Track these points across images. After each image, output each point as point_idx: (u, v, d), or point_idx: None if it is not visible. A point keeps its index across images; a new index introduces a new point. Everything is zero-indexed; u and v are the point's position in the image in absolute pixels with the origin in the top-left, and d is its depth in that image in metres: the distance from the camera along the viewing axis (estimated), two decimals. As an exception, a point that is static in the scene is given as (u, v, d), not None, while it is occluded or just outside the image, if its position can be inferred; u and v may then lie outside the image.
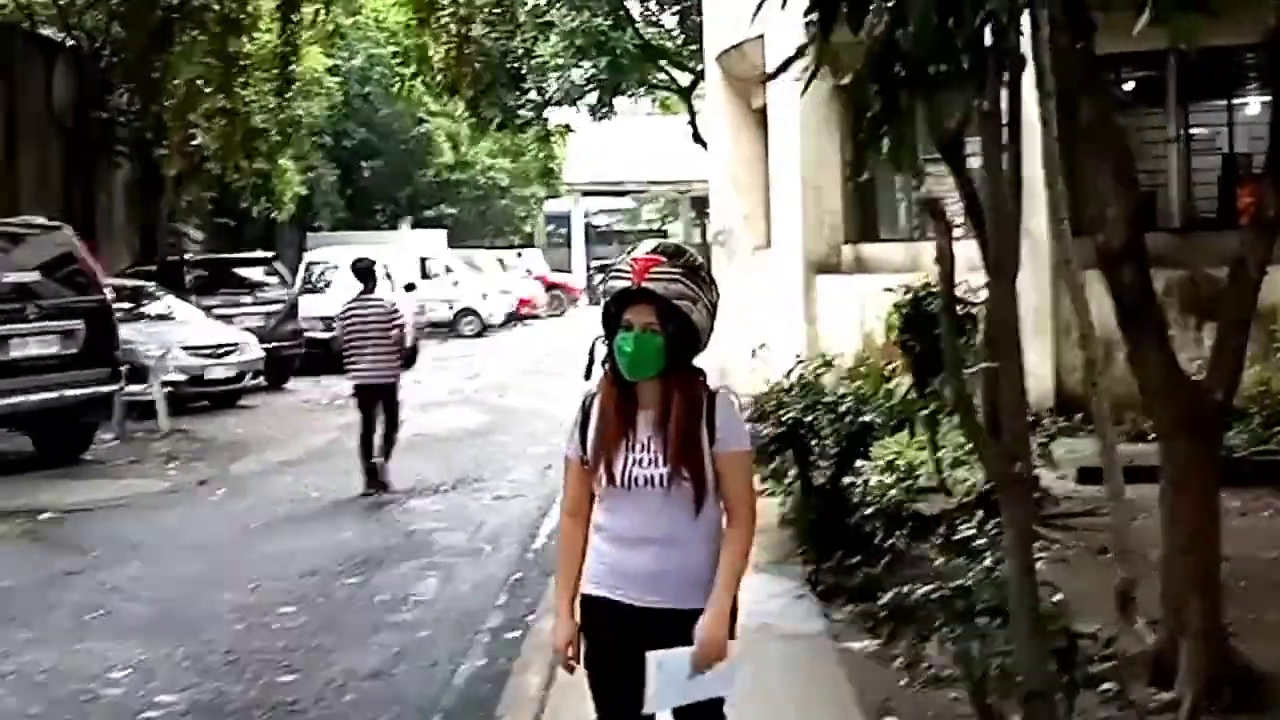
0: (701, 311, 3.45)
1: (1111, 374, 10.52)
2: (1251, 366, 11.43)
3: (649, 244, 3.48)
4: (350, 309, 11.83)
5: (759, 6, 4.91)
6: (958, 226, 5.30)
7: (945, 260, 4.00)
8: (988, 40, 4.22)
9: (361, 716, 6.06)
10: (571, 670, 3.60)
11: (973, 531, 4.80)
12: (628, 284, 3.42)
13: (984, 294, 8.37)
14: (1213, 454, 5.76)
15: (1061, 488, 9.70)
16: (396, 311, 12.07)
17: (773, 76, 5.43)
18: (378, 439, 11.79)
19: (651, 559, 3.54)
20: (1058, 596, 5.00)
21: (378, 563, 9.02)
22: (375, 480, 11.60)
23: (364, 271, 12.06)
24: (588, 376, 3.62)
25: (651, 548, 3.53)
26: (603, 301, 3.55)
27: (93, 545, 9.64)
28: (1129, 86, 13.62)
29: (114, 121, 23.76)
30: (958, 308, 9.79)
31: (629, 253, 3.51)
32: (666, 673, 3.40)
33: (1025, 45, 5.02)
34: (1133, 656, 5.85)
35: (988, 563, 4.53)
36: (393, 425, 11.95)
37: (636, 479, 3.49)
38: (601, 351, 3.55)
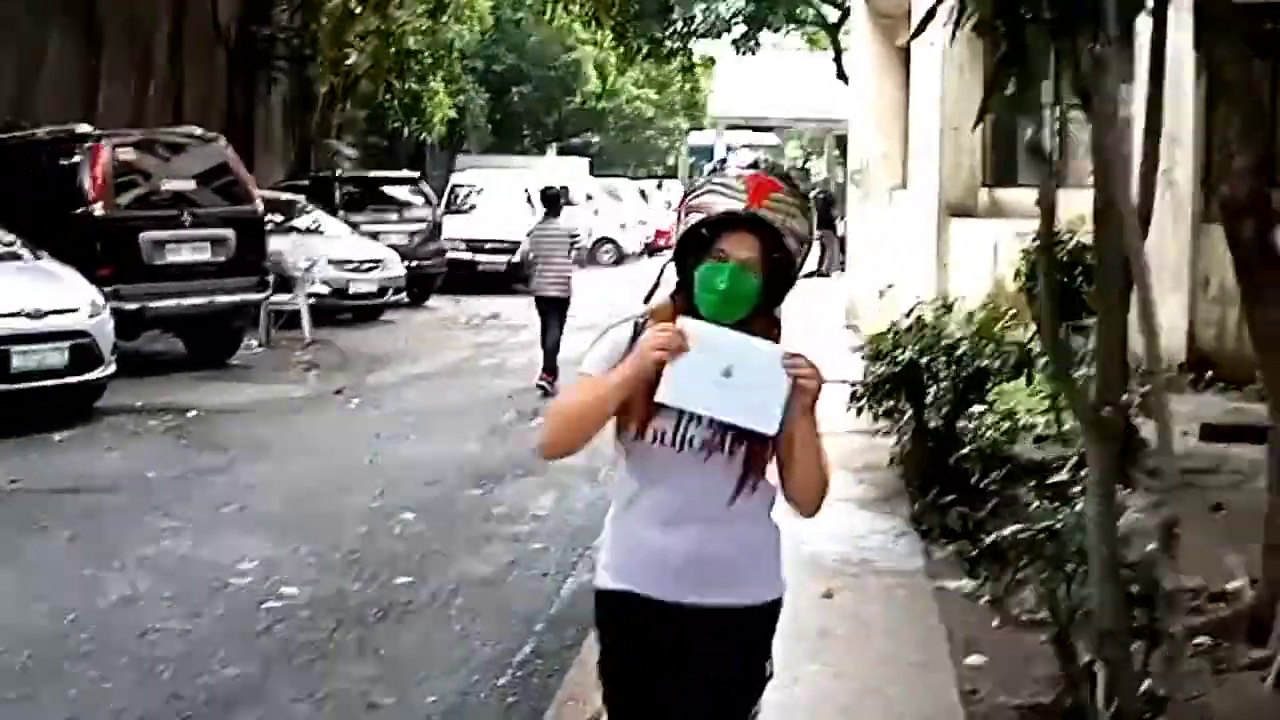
0: (803, 255, 2.93)
1: (1247, 332, 10.36)
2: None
3: (746, 159, 2.94)
4: (537, 231, 13.48)
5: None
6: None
7: (1046, 204, 4.04)
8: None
9: (471, 621, 6.33)
10: (674, 339, 2.84)
11: (1067, 477, 4.85)
12: (737, 205, 2.83)
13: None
14: (1326, 415, 5.71)
15: (1182, 445, 9.58)
16: (576, 236, 14.02)
17: (915, 34, 5.45)
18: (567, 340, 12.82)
19: (698, 540, 2.92)
20: (1151, 545, 5.03)
21: (499, 477, 9.31)
22: (546, 373, 12.79)
23: (551, 199, 13.63)
24: (648, 300, 3.04)
25: (697, 526, 2.92)
26: (688, 219, 2.90)
27: (231, 444, 10.11)
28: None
29: (274, 38, 24.38)
30: (1087, 256, 9.72)
31: (722, 169, 2.92)
32: (705, 352, 2.80)
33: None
34: (1230, 613, 5.88)
35: (1079, 507, 4.57)
36: (557, 334, 13.08)
37: (692, 439, 2.89)
38: (671, 276, 2.98)
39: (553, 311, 13.18)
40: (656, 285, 3.04)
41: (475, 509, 8.50)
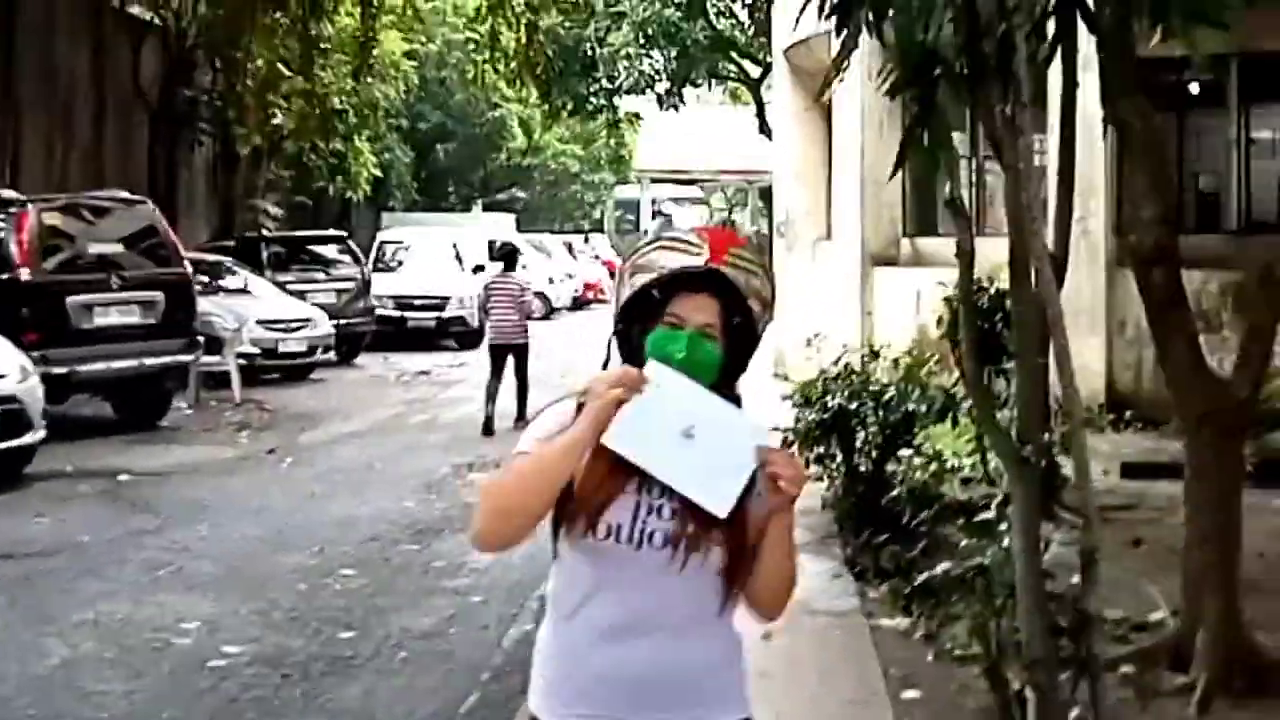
0: (764, 322, 2.54)
1: (1163, 372, 10.68)
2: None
3: (691, 216, 2.77)
4: (493, 283, 14.90)
5: (804, 5, 5.12)
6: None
7: (965, 256, 4.24)
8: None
9: (415, 673, 6.40)
10: (636, 378, 2.44)
11: (994, 515, 5.04)
12: (693, 261, 2.46)
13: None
14: (1236, 448, 5.97)
15: (1104, 482, 9.86)
16: (528, 288, 15.62)
17: (820, 95, 5.68)
18: (503, 398, 14.30)
19: (655, 657, 2.49)
20: (1075, 579, 5.23)
21: (436, 532, 9.37)
22: (491, 428, 13.87)
23: (507, 255, 15.48)
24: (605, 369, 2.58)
25: (654, 640, 2.49)
26: (634, 280, 2.52)
27: (165, 507, 10.08)
28: (1194, 89, 13.67)
29: (197, 100, 24.37)
30: (1006, 303, 10.00)
31: (669, 224, 2.70)
32: (669, 402, 2.41)
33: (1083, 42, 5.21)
34: (1153, 644, 6.09)
35: (1006, 543, 4.76)
36: (523, 380, 14.51)
37: (652, 534, 2.45)
38: (614, 352, 2.61)
39: (513, 356, 14.49)
40: (607, 360, 2.60)
41: (413, 563, 8.56)
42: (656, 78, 23.60)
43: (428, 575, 8.26)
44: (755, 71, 25.78)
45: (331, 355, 19.64)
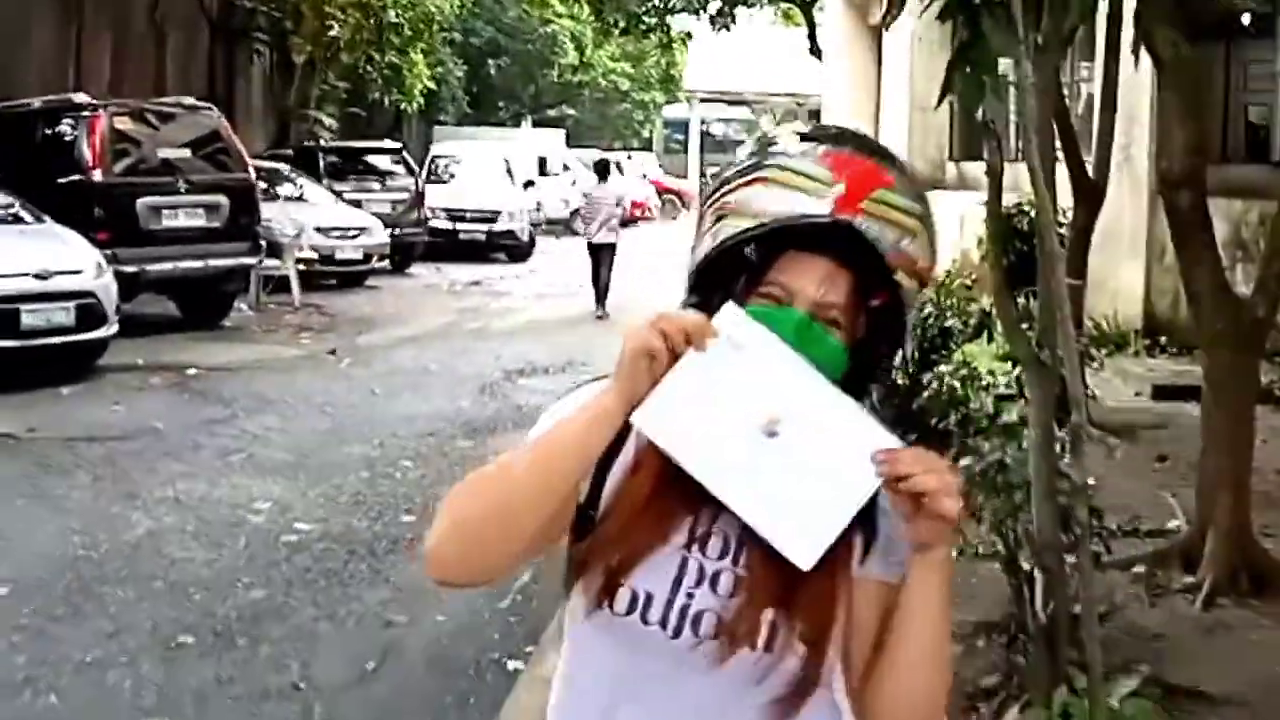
0: (915, 306, 1.70)
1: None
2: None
3: (816, 129, 1.70)
4: (592, 192, 17.61)
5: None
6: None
7: (994, 176, 4.57)
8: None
9: (471, 554, 6.86)
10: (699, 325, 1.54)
11: (1017, 419, 5.38)
12: (815, 205, 1.59)
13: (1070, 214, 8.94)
14: (1251, 365, 6.30)
15: (1134, 403, 10.22)
16: (622, 197, 18.17)
17: (885, 22, 5.96)
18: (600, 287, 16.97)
19: None
20: (1091, 479, 5.60)
21: (490, 429, 9.84)
22: (602, 305, 16.72)
23: (602, 167, 18.19)
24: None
25: None
26: (718, 226, 1.66)
27: (234, 398, 10.59)
28: (1245, 19, 13.73)
29: (256, 11, 24.71)
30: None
31: (768, 143, 1.69)
32: (743, 374, 1.54)
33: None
34: (1166, 547, 6.47)
35: (1025, 444, 5.11)
36: (609, 276, 16.99)
37: (698, 617, 1.61)
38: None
39: (605, 254, 16.97)
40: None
41: (468, 458, 9.00)
42: (710, -3, 23.75)
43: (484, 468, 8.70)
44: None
45: (386, 264, 20.11)
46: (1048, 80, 4.31)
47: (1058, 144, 6.90)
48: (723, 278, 1.67)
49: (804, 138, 1.66)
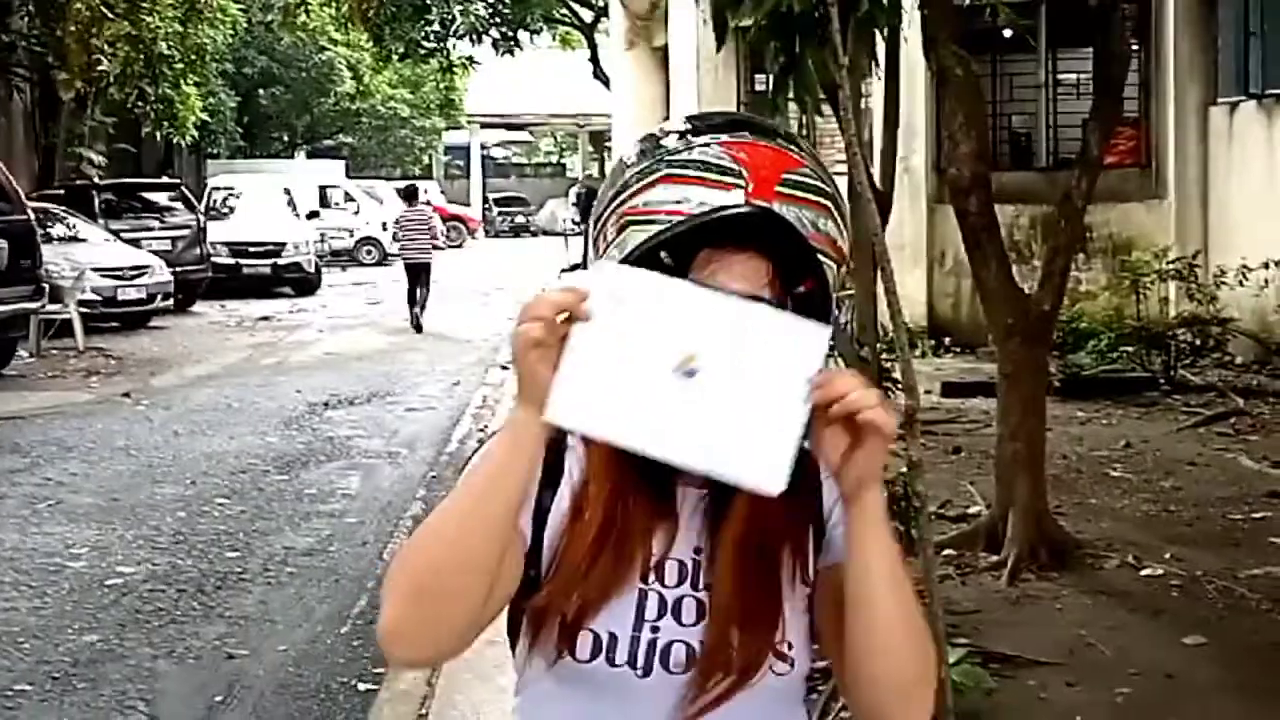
0: (840, 287, 1.63)
1: (978, 302, 11.60)
2: (1103, 293, 12.67)
3: (701, 119, 1.63)
4: (404, 215, 19.07)
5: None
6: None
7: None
8: None
9: (303, 584, 6.85)
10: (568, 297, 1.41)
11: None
12: (727, 196, 1.51)
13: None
14: (1041, 356, 6.77)
15: (925, 400, 10.74)
16: (433, 216, 19.65)
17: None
18: (418, 302, 18.22)
19: None
20: (903, 467, 5.94)
21: (302, 463, 9.77)
22: (417, 323, 17.92)
23: (410, 192, 19.71)
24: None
25: None
26: (624, 235, 1.55)
27: (30, 446, 10.26)
28: (1007, 34, 14.58)
29: (14, 45, 23.79)
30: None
31: (655, 143, 1.59)
32: (638, 324, 1.41)
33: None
34: (971, 528, 6.90)
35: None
36: (426, 289, 18.29)
37: (667, 649, 1.52)
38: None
39: (421, 273, 18.22)
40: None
41: (285, 491, 8.96)
42: (491, 22, 23.86)
43: (301, 501, 8.67)
44: (588, 16, 26.22)
45: (170, 303, 19.62)
46: (855, 97, 4.61)
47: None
48: None
49: (693, 131, 1.58)
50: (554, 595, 1.52)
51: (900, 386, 6.46)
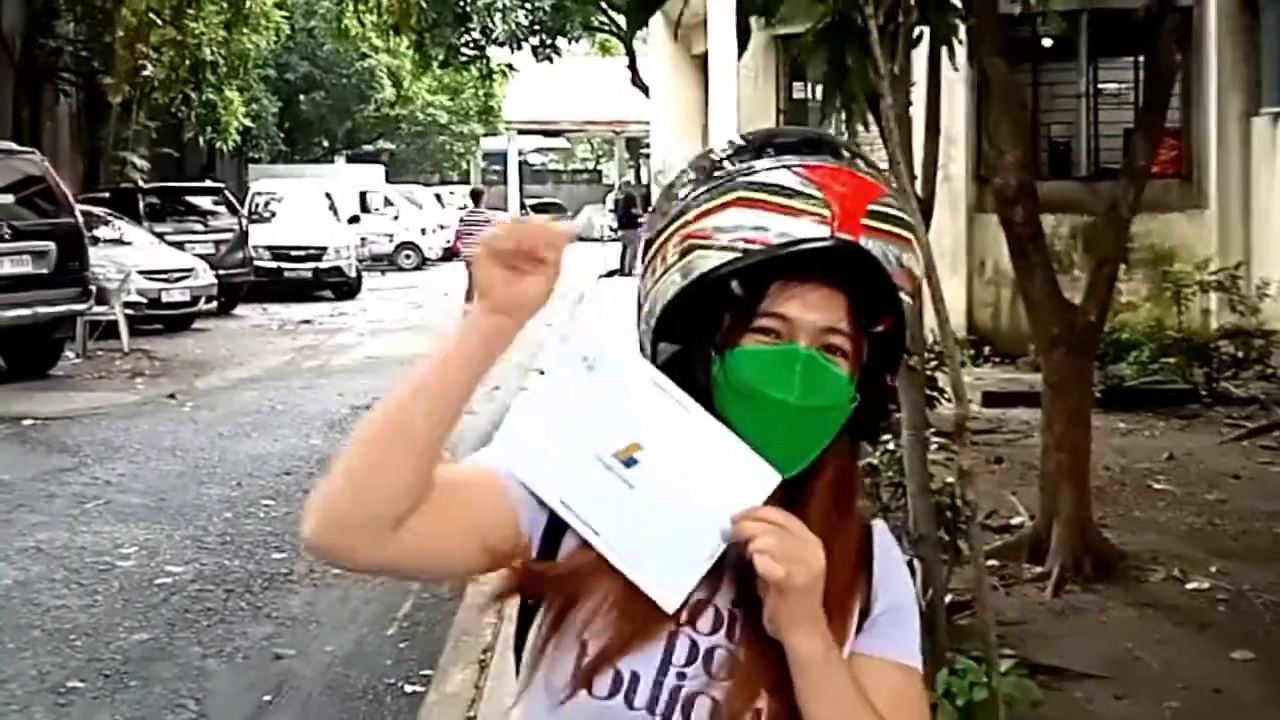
0: (912, 321, 1.52)
1: (1018, 311, 11.59)
2: (1145, 304, 12.61)
3: (772, 135, 1.51)
4: (467, 217, 21.02)
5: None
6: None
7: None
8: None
9: (350, 586, 6.90)
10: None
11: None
12: (809, 227, 1.41)
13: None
14: (1086, 367, 6.77)
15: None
16: (493, 220, 18.71)
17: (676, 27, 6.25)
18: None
19: None
20: (950, 478, 5.96)
21: (346, 466, 9.82)
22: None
23: (476, 194, 22.09)
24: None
25: None
26: (685, 260, 1.46)
27: (79, 446, 10.38)
28: (1047, 43, 14.56)
29: (61, 50, 24.08)
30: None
31: (719, 159, 1.50)
32: (602, 385, 1.44)
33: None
34: (1014, 539, 6.90)
35: (892, 447, 5.43)
36: None
37: (690, 701, 1.42)
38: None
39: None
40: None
41: (330, 495, 9.01)
42: (532, 29, 23.97)
43: (345, 504, 8.72)
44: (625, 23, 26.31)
45: (213, 305, 19.81)
46: (902, 107, 4.65)
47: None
48: (698, 317, 1.46)
49: (766, 149, 1.47)
50: (580, 624, 1.42)
51: (946, 396, 6.50)
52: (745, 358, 1.43)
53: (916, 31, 5.26)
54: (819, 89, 5.62)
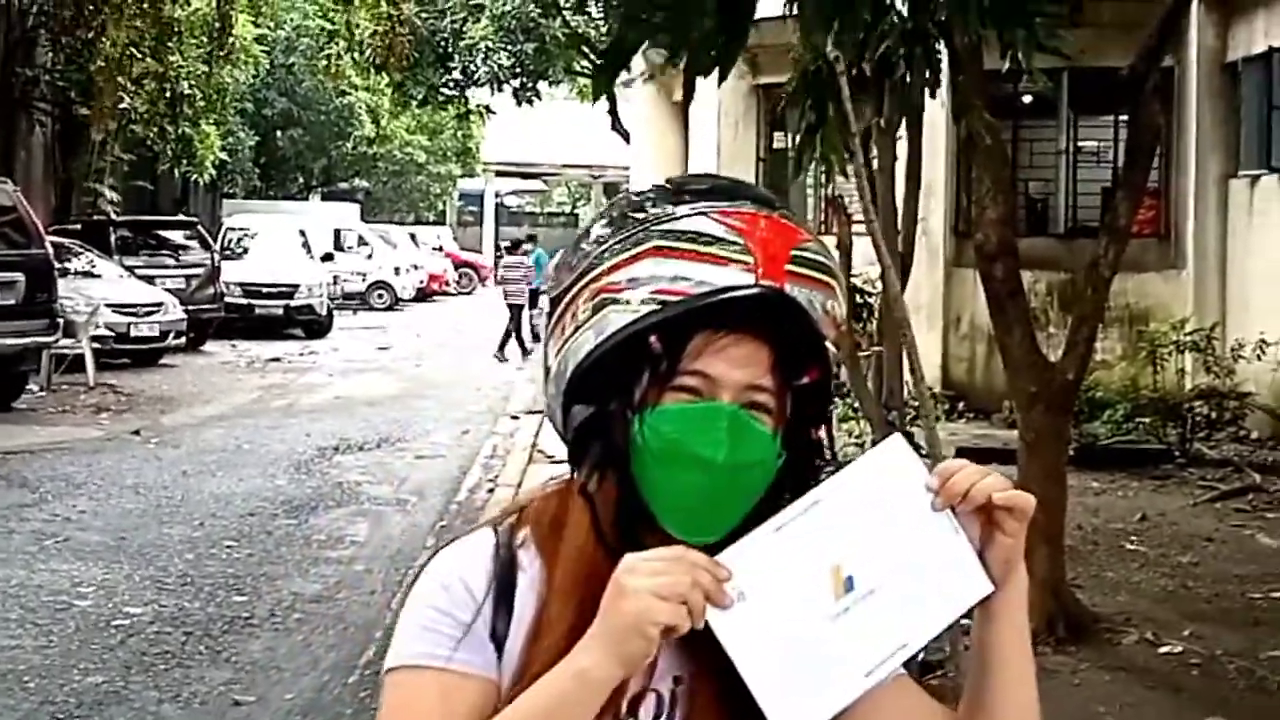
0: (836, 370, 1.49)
1: (994, 366, 11.57)
2: (1120, 363, 12.61)
3: (682, 181, 1.45)
4: (507, 261, 22.82)
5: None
6: (859, 223, 6.17)
7: (844, 249, 4.83)
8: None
9: (311, 632, 6.78)
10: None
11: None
12: (733, 275, 1.33)
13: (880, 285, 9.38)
14: (1063, 425, 6.72)
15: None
16: (530, 265, 22.19)
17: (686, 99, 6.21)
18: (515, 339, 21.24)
19: None
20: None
21: (311, 508, 9.70)
22: (524, 348, 20.83)
23: (516, 243, 23.61)
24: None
25: None
26: (598, 317, 1.37)
27: (39, 482, 10.21)
28: (1027, 100, 14.63)
29: (38, 78, 23.94)
30: (858, 296, 10.75)
31: (634, 205, 1.40)
32: (780, 572, 1.31)
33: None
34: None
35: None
36: (520, 326, 21.25)
37: None
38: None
39: (519, 311, 21.28)
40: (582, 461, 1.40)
41: (294, 536, 8.89)
42: (513, 72, 23.99)
43: (310, 546, 8.60)
44: (607, 70, 26.34)
45: (181, 341, 19.63)
46: (888, 160, 4.61)
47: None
48: (613, 376, 1.36)
49: (679, 195, 1.39)
50: None
51: (922, 452, 6.45)
52: (668, 417, 1.34)
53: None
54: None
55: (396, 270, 34.46)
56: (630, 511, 1.36)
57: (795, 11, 4.48)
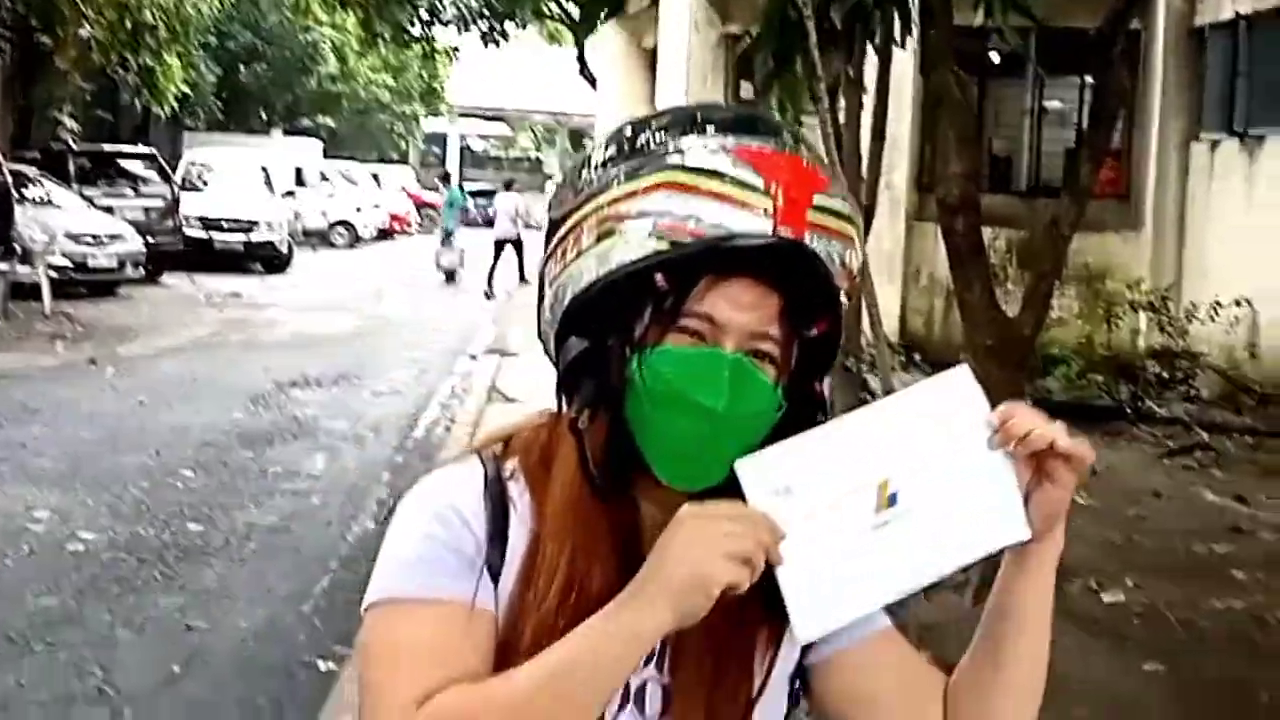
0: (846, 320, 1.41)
1: (951, 320, 11.67)
2: (1075, 320, 12.74)
3: (706, 110, 1.34)
4: (500, 197, 23.61)
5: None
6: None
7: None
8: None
9: (265, 560, 6.81)
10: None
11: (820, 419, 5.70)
12: (749, 219, 1.26)
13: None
14: (1017, 379, 6.78)
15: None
16: (518, 205, 23.18)
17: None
18: (503, 275, 22.23)
19: None
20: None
21: (268, 441, 9.69)
22: (492, 294, 21.37)
23: (509, 182, 24.37)
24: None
25: None
26: (602, 245, 1.30)
27: (-7, 408, 10.16)
28: (995, 58, 14.65)
29: (-2, 4, 23.55)
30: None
31: (678, 128, 1.30)
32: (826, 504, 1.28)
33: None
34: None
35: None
36: (521, 258, 22.54)
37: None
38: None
39: (512, 246, 22.71)
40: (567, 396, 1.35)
41: (250, 468, 8.89)
42: (480, 12, 23.80)
43: (265, 478, 8.61)
44: (577, 12, 26.19)
45: (139, 273, 19.47)
46: (853, 112, 4.63)
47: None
48: (612, 308, 1.31)
49: (694, 125, 1.30)
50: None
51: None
52: (669, 359, 1.28)
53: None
54: (769, 86, 5.63)
55: (358, 209, 34.24)
56: (620, 452, 1.31)
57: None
